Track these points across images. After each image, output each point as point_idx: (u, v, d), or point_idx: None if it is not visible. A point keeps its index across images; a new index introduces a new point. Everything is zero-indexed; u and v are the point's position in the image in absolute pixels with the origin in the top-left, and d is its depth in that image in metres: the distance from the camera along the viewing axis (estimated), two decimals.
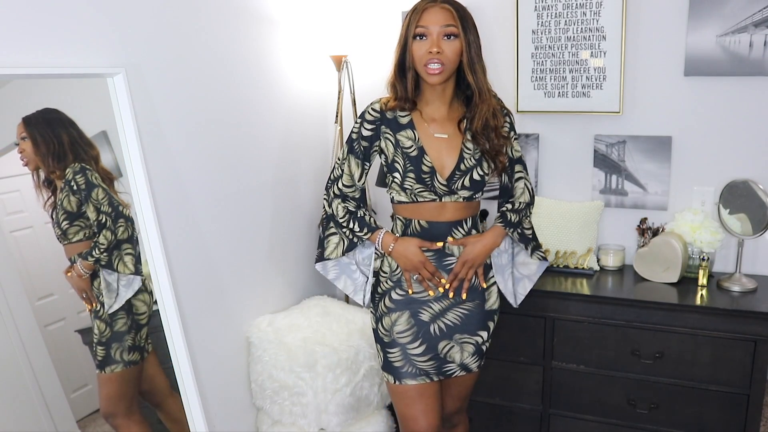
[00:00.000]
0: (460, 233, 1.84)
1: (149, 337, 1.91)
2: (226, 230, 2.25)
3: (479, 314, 1.88)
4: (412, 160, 1.78)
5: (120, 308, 1.83)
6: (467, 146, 1.79)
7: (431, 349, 1.85)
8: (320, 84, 2.77)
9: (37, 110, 1.68)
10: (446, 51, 1.69)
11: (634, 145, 2.41)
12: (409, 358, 1.84)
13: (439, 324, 1.85)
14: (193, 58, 2.06)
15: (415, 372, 1.84)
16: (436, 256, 1.83)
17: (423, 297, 1.85)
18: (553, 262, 2.44)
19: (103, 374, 1.82)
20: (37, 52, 1.58)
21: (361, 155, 1.85)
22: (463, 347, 1.87)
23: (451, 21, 1.69)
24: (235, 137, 2.28)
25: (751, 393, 2.02)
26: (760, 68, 2.20)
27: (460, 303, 1.86)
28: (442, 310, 1.85)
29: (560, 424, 2.32)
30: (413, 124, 1.81)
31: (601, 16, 2.35)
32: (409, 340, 1.84)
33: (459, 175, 1.78)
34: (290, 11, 2.54)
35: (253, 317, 2.42)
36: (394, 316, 1.85)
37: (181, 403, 1.93)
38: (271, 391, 2.33)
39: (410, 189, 1.80)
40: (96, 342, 1.80)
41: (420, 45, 1.71)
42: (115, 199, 1.82)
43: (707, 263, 2.21)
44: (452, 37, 1.70)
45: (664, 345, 2.11)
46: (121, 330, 1.83)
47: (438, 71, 1.70)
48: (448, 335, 1.85)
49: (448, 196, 1.80)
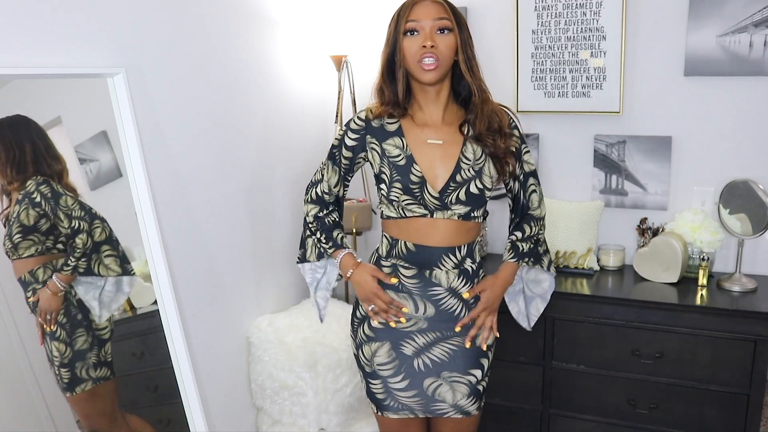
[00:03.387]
0: (450, 263, 1.65)
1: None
2: (226, 230, 2.25)
3: (469, 351, 1.69)
4: (399, 169, 1.63)
5: (79, 326, 1.75)
6: (466, 155, 1.63)
7: (415, 385, 1.69)
8: (320, 84, 2.77)
9: (7, 116, 1.59)
10: (440, 46, 1.56)
11: (634, 145, 2.41)
12: (391, 392, 1.71)
13: (424, 359, 1.69)
14: (193, 58, 2.06)
15: (398, 406, 1.72)
16: (422, 283, 1.66)
17: (405, 328, 1.68)
18: (554, 262, 2.43)
19: (75, 395, 1.75)
20: (37, 52, 1.58)
21: (340, 164, 1.73)
22: (455, 387, 1.69)
23: (444, 14, 1.57)
24: (235, 137, 2.28)
25: (751, 393, 2.02)
26: (760, 68, 2.20)
27: (448, 338, 1.68)
28: (427, 344, 1.68)
29: (560, 424, 2.32)
30: (402, 130, 1.65)
31: (601, 16, 2.35)
32: (390, 373, 1.70)
33: (454, 187, 1.61)
34: (290, 11, 2.54)
35: (253, 317, 2.43)
36: (374, 346, 1.71)
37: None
38: (271, 391, 2.33)
39: (397, 201, 1.64)
40: (58, 365, 1.71)
41: (412, 41, 1.57)
42: (85, 203, 1.74)
43: (707, 263, 2.21)
44: (446, 32, 1.57)
45: (664, 345, 2.11)
46: (82, 348, 1.75)
47: (433, 66, 1.55)
48: (434, 372, 1.69)
49: (441, 212, 1.62)
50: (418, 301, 1.67)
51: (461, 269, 1.67)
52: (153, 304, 1.91)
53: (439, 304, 1.67)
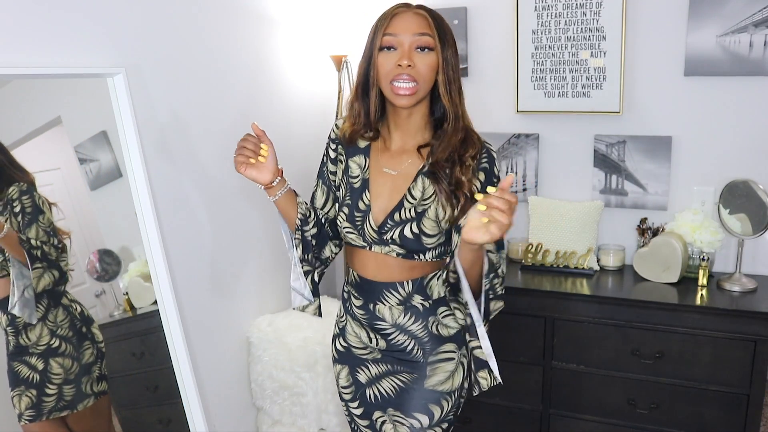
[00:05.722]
0: (393, 299, 1.47)
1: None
2: (226, 230, 2.25)
3: (417, 392, 1.49)
4: (352, 192, 1.48)
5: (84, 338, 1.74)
6: (413, 193, 1.43)
7: (367, 415, 1.59)
8: (320, 84, 2.77)
9: None
10: (419, 65, 1.37)
11: (634, 145, 2.41)
12: (352, 416, 1.63)
13: (374, 391, 1.56)
14: (193, 58, 2.06)
15: (359, 431, 1.64)
16: (368, 315, 1.51)
17: (361, 354, 1.56)
18: (554, 262, 2.44)
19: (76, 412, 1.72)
20: (37, 52, 1.58)
21: (328, 181, 1.57)
22: (397, 428, 1.53)
23: (427, 30, 1.37)
24: (235, 137, 2.27)
25: (751, 393, 2.02)
26: (760, 68, 2.20)
27: (397, 372, 1.52)
28: (379, 375, 1.54)
29: (560, 424, 2.32)
30: (369, 150, 1.50)
31: (601, 16, 2.35)
32: (349, 398, 1.61)
33: (391, 225, 1.43)
34: (290, 11, 2.54)
35: (253, 317, 2.43)
36: (338, 368, 1.63)
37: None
38: (271, 391, 2.33)
39: (340, 226, 1.50)
40: (61, 383, 1.69)
41: (387, 57, 1.38)
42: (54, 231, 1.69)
43: (707, 263, 2.21)
44: (426, 50, 1.37)
45: (664, 345, 2.11)
46: (89, 361, 1.74)
47: (409, 91, 1.36)
48: (382, 406, 1.55)
49: (379, 246, 1.46)
50: (369, 332, 1.53)
51: (407, 306, 1.48)
52: (153, 304, 1.91)
53: (388, 338, 1.51)
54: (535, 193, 2.59)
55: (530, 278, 2.38)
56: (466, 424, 2.43)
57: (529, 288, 2.29)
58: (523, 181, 2.61)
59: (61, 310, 1.71)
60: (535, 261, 2.46)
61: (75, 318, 1.75)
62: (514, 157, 2.61)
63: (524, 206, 2.60)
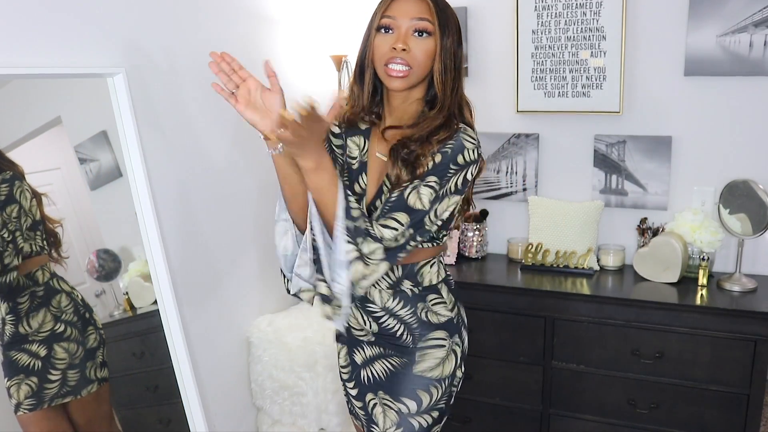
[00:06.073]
0: (384, 282, 1.46)
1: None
2: (226, 230, 2.25)
3: (406, 377, 1.49)
4: (350, 173, 1.48)
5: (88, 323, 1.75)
6: (390, 177, 1.41)
7: (361, 396, 1.57)
8: (320, 84, 2.77)
9: None
10: (414, 50, 1.36)
11: (634, 145, 2.41)
12: (349, 396, 1.63)
13: (368, 373, 1.55)
14: (193, 58, 2.06)
15: (354, 413, 1.64)
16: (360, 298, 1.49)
17: (358, 336, 1.55)
18: (554, 262, 2.44)
19: (79, 398, 1.71)
20: (37, 52, 1.58)
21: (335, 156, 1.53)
22: (386, 412, 1.51)
23: (426, 14, 1.36)
24: (234, 137, 2.28)
25: (751, 393, 2.02)
26: (760, 68, 2.20)
27: (388, 356, 1.52)
28: (372, 357, 1.54)
29: (560, 424, 2.32)
30: (369, 132, 1.49)
31: (601, 16, 2.35)
32: (347, 377, 1.61)
33: (375, 210, 1.42)
34: (290, 11, 2.54)
35: (253, 317, 2.42)
36: (338, 347, 1.64)
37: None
38: (271, 391, 2.33)
39: None
40: (66, 368, 1.68)
41: (383, 39, 1.38)
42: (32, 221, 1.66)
43: (707, 263, 2.21)
44: (424, 35, 1.36)
45: (664, 345, 2.11)
46: (93, 346, 1.75)
47: (401, 74, 1.36)
48: (373, 389, 1.54)
49: None
50: (363, 315, 1.52)
51: (397, 290, 1.48)
52: (153, 304, 1.91)
53: (379, 322, 1.50)
54: (535, 193, 2.59)
55: (530, 278, 2.38)
56: (466, 423, 2.43)
57: (529, 288, 2.29)
58: (523, 180, 2.61)
59: (64, 296, 1.72)
60: (535, 261, 2.46)
61: (78, 304, 1.76)
62: (514, 157, 2.61)
63: (524, 206, 2.60)
